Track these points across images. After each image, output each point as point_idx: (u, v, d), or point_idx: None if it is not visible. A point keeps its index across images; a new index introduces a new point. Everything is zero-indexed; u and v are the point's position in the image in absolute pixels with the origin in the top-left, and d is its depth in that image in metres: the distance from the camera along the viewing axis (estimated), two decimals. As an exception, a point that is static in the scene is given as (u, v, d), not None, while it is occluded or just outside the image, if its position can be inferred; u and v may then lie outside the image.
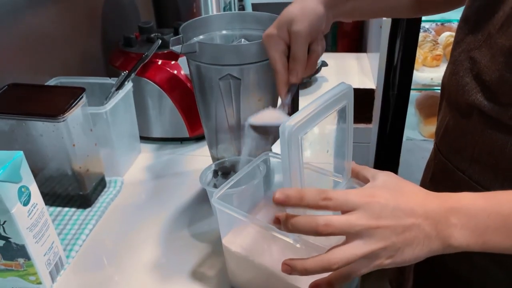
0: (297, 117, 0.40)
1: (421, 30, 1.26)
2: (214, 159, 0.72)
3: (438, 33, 1.39)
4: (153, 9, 1.03)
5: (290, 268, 0.40)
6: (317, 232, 0.38)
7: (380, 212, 0.37)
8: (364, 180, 0.45)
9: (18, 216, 0.51)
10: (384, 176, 0.42)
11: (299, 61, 0.52)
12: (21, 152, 0.51)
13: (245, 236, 0.53)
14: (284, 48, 0.52)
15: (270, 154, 0.57)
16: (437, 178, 0.59)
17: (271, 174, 0.60)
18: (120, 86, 0.78)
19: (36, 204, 0.54)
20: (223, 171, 0.64)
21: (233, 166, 0.63)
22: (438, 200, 0.39)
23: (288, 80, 0.52)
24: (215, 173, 0.63)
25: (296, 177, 0.42)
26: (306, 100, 0.98)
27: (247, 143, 0.53)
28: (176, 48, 0.57)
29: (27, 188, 0.52)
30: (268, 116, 0.51)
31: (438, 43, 1.32)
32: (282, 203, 0.39)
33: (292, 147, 0.40)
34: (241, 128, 0.65)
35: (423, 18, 1.13)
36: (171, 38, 0.57)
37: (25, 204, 0.52)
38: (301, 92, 1.11)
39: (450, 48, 1.26)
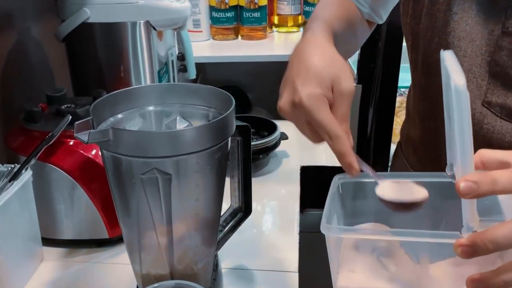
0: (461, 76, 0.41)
1: (397, 94, 1.25)
2: (137, 276, 0.63)
3: (416, 97, 1.40)
4: (70, 73, 0.97)
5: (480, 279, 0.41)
6: None
7: None
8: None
9: None
10: None
11: (348, 123, 0.54)
12: None
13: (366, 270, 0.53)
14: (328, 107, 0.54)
15: None
16: None
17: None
18: (15, 176, 0.70)
19: None
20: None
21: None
22: None
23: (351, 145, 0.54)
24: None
25: (472, 153, 0.43)
26: (263, 182, 0.92)
27: None
28: (82, 136, 0.50)
29: None
30: (393, 190, 0.53)
31: (417, 110, 1.31)
32: (470, 192, 0.40)
33: (468, 114, 0.41)
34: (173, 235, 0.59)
35: (400, 82, 1.13)
36: (76, 122, 0.51)
37: None
38: (257, 172, 1.06)
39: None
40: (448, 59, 0.43)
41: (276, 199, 0.99)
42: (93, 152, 0.78)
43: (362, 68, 1.02)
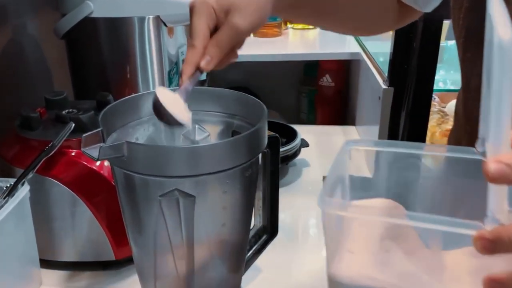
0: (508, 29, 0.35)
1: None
2: (151, 309, 0.58)
3: (444, 100, 1.36)
4: (70, 74, 0.92)
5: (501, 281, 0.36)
6: None
7: None
8: None
9: None
10: None
11: (222, 51, 0.55)
12: None
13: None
14: (212, 24, 0.55)
15: None
16: None
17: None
18: (10, 192, 0.65)
19: None
20: None
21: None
22: None
23: (199, 62, 0.54)
24: None
25: (509, 126, 0.37)
26: (281, 194, 0.88)
27: None
28: (91, 151, 0.44)
29: None
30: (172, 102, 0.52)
31: (447, 114, 1.28)
32: (501, 177, 0.34)
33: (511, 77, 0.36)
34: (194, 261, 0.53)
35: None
36: (84, 135, 0.45)
37: None
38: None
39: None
40: (495, 6, 0.36)
41: (297, 213, 0.93)
42: (98, 163, 0.73)
43: (395, 69, 0.97)
